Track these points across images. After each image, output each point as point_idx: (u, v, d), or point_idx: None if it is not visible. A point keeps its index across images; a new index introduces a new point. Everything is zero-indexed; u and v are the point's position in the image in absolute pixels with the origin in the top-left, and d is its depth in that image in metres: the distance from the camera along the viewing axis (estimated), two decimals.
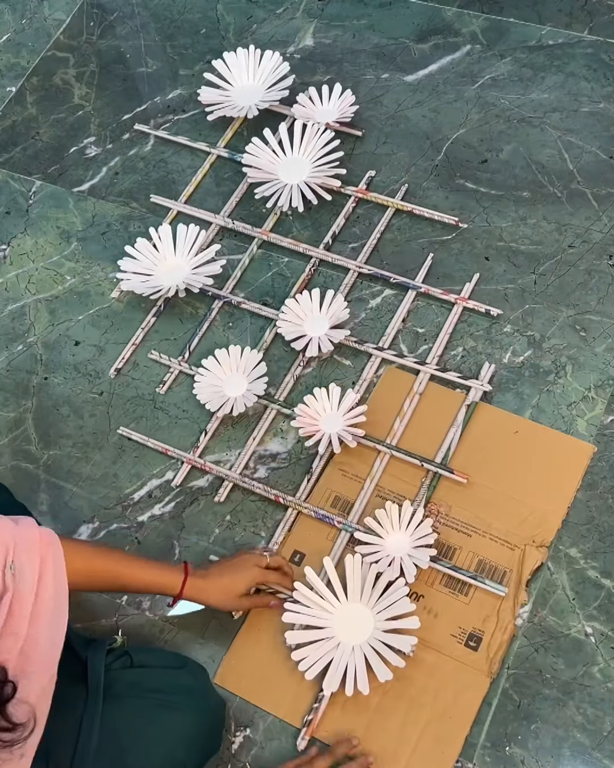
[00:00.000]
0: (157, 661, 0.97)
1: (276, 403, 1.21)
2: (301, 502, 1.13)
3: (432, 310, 1.26)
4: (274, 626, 1.06)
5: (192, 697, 0.93)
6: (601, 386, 1.17)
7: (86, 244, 1.40)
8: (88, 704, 0.87)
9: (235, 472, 1.17)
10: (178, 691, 0.92)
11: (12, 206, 1.45)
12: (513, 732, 1.00)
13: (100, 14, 1.64)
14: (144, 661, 0.96)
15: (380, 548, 1.08)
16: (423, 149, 1.39)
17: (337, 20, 1.55)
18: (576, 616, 1.04)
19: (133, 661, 0.95)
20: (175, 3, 1.63)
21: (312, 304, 1.24)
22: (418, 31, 1.51)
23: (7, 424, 1.26)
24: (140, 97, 1.53)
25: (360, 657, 1.01)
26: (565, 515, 1.09)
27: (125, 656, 0.95)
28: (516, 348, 1.21)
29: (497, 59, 1.46)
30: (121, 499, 1.19)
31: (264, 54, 1.46)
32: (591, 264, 1.26)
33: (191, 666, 0.98)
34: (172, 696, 0.91)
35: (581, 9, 1.48)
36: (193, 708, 0.91)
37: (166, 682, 0.93)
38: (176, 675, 0.95)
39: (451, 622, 1.05)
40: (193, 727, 0.90)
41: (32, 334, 1.33)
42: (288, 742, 1.02)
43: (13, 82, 1.59)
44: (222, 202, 1.39)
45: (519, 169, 1.35)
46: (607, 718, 0.99)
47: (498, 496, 1.11)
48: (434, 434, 1.16)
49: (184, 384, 1.26)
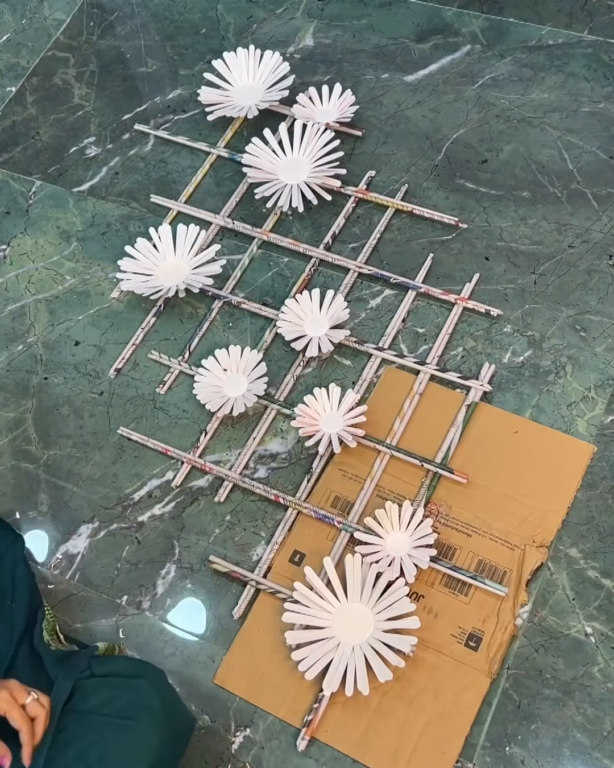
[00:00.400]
0: (117, 671, 0.93)
1: (276, 403, 1.21)
2: (301, 502, 1.13)
3: (432, 310, 1.26)
4: (274, 626, 1.06)
5: (147, 713, 0.88)
6: (601, 386, 1.17)
7: (86, 244, 1.40)
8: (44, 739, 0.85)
9: (235, 472, 1.17)
10: (133, 706, 0.88)
11: (12, 206, 1.45)
12: (513, 732, 1.00)
13: (100, 14, 1.64)
14: (105, 671, 0.92)
15: (380, 548, 1.08)
16: (423, 149, 1.39)
17: (337, 20, 1.55)
18: (576, 616, 1.04)
19: (93, 672, 0.92)
20: (175, 3, 1.63)
21: (312, 304, 1.24)
22: (418, 31, 1.51)
23: (7, 424, 1.26)
24: (140, 97, 1.53)
25: (360, 657, 1.01)
26: (565, 515, 1.09)
27: (87, 669, 0.92)
28: (516, 348, 1.21)
29: (497, 59, 1.46)
30: (121, 499, 1.19)
31: (264, 54, 1.46)
32: (591, 264, 1.26)
33: (151, 676, 0.93)
34: (126, 711, 0.87)
35: (581, 9, 1.48)
36: (149, 725, 0.87)
37: (121, 695, 0.89)
38: (134, 686, 0.90)
39: (451, 622, 1.05)
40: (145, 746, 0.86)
41: (32, 334, 1.33)
42: (288, 742, 1.02)
43: (13, 82, 1.59)
44: (222, 202, 1.40)
45: (519, 169, 1.35)
46: (607, 718, 0.99)
47: (498, 496, 1.11)
48: (434, 434, 1.16)
49: (184, 384, 1.26)
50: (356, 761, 0.99)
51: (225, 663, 1.06)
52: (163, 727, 0.88)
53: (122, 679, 0.91)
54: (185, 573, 1.13)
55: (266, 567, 1.11)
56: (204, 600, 1.11)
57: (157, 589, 1.12)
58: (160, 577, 1.13)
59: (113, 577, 1.13)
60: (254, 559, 1.12)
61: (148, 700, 0.89)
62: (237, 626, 1.08)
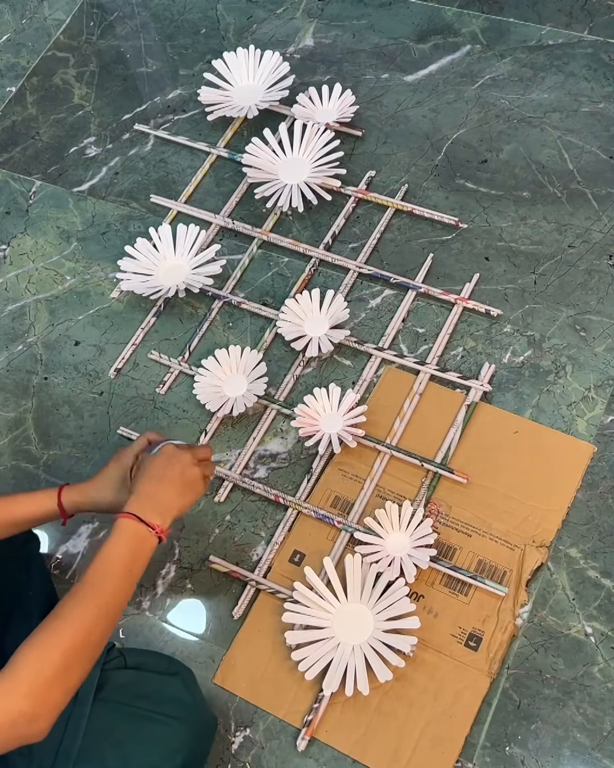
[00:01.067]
0: (150, 665, 0.95)
1: (276, 403, 1.21)
2: (300, 502, 1.13)
3: (432, 310, 1.26)
4: (274, 626, 1.06)
5: (181, 708, 0.91)
6: (601, 386, 1.17)
7: (86, 244, 1.40)
8: (76, 704, 0.86)
9: (235, 472, 1.17)
10: (168, 701, 0.91)
11: (12, 206, 1.45)
12: (513, 732, 1.00)
13: (100, 14, 1.64)
14: (138, 663, 0.94)
15: (380, 548, 1.08)
16: (423, 149, 1.39)
17: (337, 20, 1.55)
18: (576, 616, 1.04)
19: (127, 662, 0.93)
20: (175, 3, 1.63)
21: (312, 304, 1.24)
22: (418, 31, 1.51)
23: (7, 424, 1.26)
24: (140, 97, 1.53)
25: (360, 657, 1.01)
26: (565, 515, 1.09)
27: (120, 657, 0.94)
28: (516, 348, 1.21)
29: (497, 59, 1.46)
30: None
31: (264, 54, 1.46)
32: (591, 264, 1.26)
33: (184, 674, 0.96)
34: (161, 706, 0.89)
35: (581, 9, 1.48)
36: (182, 721, 0.89)
37: (157, 690, 0.91)
38: (168, 682, 0.93)
39: (451, 622, 1.05)
40: (179, 742, 0.88)
41: (32, 334, 1.33)
42: (288, 742, 1.02)
43: (13, 82, 1.59)
44: (222, 202, 1.40)
45: (519, 169, 1.35)
46: (607, 718, 0.99)
47: (498, 496, 1.11)
48: (434, 434, 1.16)
49: (184, 384, 1.26)
50: (356, 761, 0.99)
51: (225, 663, 1.06)
52: (196, 724, 0.91)
53: (157, 675, 0.93)
54: (185, 573, 1.13)
55: (266, 567, 1.11)
56: (204, 600, 1.11)
57: (157, 589, 1.12)
58: (160, 577, 1.13)
59: None
60: (254, 559, 1.12)
61: (182, 696, 0.92)
62: (237, 626, 1.08)
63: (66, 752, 0.84)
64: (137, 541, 0.84)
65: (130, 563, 0.83)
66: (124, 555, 0.83)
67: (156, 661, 0.96)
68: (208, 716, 0.97)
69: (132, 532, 0.84)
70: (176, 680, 0.93)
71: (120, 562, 0.82)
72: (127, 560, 0.83)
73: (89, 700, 0.87)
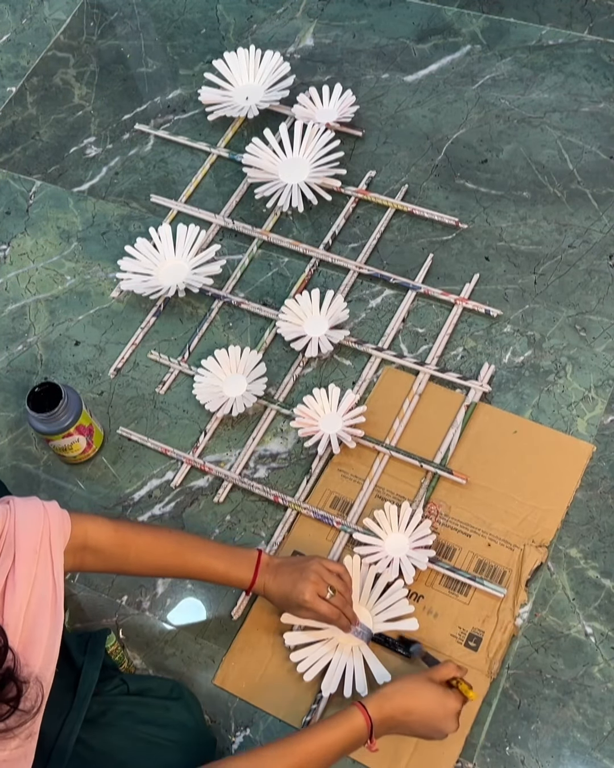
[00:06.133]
0: (154, 690, 0.96)
1: (275, 403, 1.21)
2: (300, 503, 1.13)
3: (432, 311, 1.26)
4: (274, 627, 1.06)
5: (184, 733, 0.91)
6: (601, 386, 1.17)
7: (86, 244, 1.40)
8: (72, 710, 0.87)
9: (235, 472, 1.17)
10: (171, 726, 0.91)
11: (12, 206, 1.45)
12: (513, 732, 1.00)
13: (100, 14, 1.64)
14: (141, 689, 0.95)
15: (379, 549, 1.08)
16: (423, 149, 1.39)
17: (337, 20, 1.55)
18: (576, 616, 1.04)
19: (129, 689, 0.94)
20: (175, 3, 1.63)
21: (312, 305, 1.24)
22: (418, 31, 1.51)
23: (7, 424, 1.26)
24: (140, 97, 1.53)
25: (358, 659, 1.01)
26: (565, 515, 1.09)
27: (122, 685, 0.94)
28: (516, 348, 1.21)
29: (497, 59, 1.46)
30: (121, 499, 1.19)
31: (264, 54, 1.46)
32: (591, 264, 1.26)
33: (186, 699, 0.96)
34: (163, 731, 0.90)
35: (581, 9, 1.48)
36: (184, 746, 0.90)
37: (159, 715, 0.92)
38: (171, 707, 0.94)
39: (451, 622, 1.04)
40: (181, 764, 0.88)
41: (32, 334, 1.33)
42: None
43: (13, 82, 1.59)
44: (222, 202, 1.39)
45: (519, 169, 1.35)
46: (607, 718, 0.99)
47: (497, 496, 1.11)
48: (433, 435, 1.16)
49: (183, 384, 1.26)
50: (356, 761, 0.99)
51: (225, 663, 1.06)
52: (195, 747, 0.91)
53: (160, 700, 0.94)
54: None
55: None
56: (204, 600, 1.11)
57: (157, 589, 1.12)
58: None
59: (113, 577, 1.13)
60: None
61: (185, 720, 0.93)
62: (237, 626, 1.08)
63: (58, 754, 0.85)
64: (353, 743, 0.85)
65: (334, 755, 0.83)
66: (337, 749, 0.83)
67: (159, 686, 0.97)
68: (208, 737, 0.98)
69: (358, 732, 0.84)
70: (179, 704, 0.94)
71: (331, 753, 0.83)
72: (337, 752, 0.83)
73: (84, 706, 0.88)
